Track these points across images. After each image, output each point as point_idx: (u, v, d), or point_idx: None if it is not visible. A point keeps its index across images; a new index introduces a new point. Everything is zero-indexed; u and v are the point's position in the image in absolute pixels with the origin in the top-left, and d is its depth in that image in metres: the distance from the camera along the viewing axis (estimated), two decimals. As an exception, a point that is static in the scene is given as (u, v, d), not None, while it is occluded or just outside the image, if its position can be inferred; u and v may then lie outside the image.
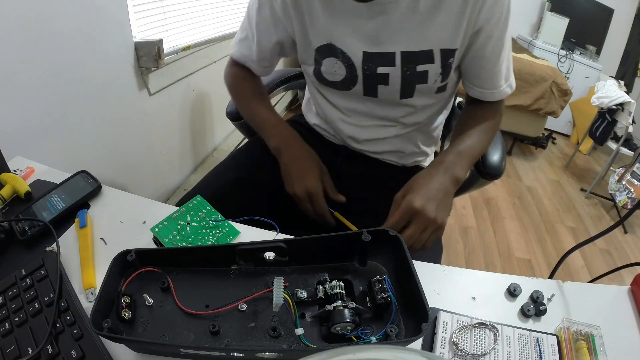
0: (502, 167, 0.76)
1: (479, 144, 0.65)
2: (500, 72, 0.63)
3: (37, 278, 0.44)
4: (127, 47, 1.10)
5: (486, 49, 0.59)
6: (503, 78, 0.64)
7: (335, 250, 0.44)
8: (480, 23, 0.56)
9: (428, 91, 0.65)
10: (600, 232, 0.51)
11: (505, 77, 0.65)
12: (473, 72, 0.64)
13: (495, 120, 0.69)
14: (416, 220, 0.52)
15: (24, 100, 0.80)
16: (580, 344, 0.42)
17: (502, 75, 0.64)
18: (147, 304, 0.40)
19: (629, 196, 2.12)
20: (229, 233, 0.53)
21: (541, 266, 1.80)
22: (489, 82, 0.64)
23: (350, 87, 0.66)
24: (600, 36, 3.32)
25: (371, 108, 0.69)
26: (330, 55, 0.63)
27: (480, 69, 0.62)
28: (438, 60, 0.59)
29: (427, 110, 0.70)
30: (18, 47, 0.76)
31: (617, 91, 2.30)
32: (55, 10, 0.82)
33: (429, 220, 0.52)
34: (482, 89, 0.65)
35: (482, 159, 0.75)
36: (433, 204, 0.53)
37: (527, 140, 2.92)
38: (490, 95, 0.66)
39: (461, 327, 0.43)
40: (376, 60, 0.61)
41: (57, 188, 0.58)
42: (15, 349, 0.37)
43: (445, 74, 0.62)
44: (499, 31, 0.57)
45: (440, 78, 0.62)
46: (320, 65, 0.66)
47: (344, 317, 0.37)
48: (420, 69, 0.60)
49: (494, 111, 0.68)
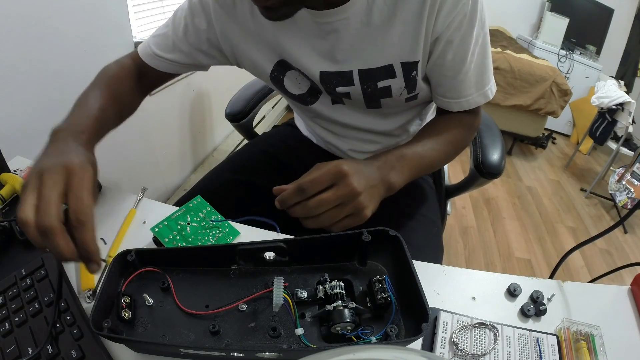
0: (501, 166, 0.75)
1: (431, 155, 0.58)
2: (467, 79, 0.57)
3: (37, 278, 0.44)
4: (127, 47, 1.10)
5: (446, 56, 0.54)
6: (473, 86, 0.58)
7: (335, 250, 0.44)
8: (439, 30, 0.51)
9: (396, 103, 0.61)
10: (600, 232, 0.51)
11: (477, 84, 0.58)
12: (435, 81, 0.59)
13: (461, 131, 0.62)
14: (339, 186, 0.44)
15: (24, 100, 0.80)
16: (580, 344, 0.42)
17: (471, 83, 0.57)
18: (147, 304, 0.40)
19: (629, 196, 2.12)
20: (229, 233, 0.53)
21: (541, 266, 1.80)
22: (453, 90, 0.58)
23: (313, 101, 0.65)
24: (600, 36, 3.32)
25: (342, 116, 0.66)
26: (290, 69, 0.61)
27: (442, 77, 0.57)
28: (400, 74, 0.56)
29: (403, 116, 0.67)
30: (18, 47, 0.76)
31: (617, 91, 2.30)
32: (55, 10, 0.82)
33: (354, 192, 0.45)
34: (446, 97, 0.60)
35: (481, 157, 0.75)
36: (363, 180, 0.46)
37: (527, 140, 2.92)
38: (455, 105, 0.60)
39: (461, 327, 0.43)
40: (334, 80, 0.58)
41: (57, 188, 0.58)
42: (15, 349, 0.37)
43: (410, 87, 0.58)
44: (460, 36, 0.52)
45: (406, 91, 0.58)
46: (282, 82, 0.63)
47: (344, 317, 0.37)
48: (381, 84, 0.57)
49: (458, 122, 0.62)
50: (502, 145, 0.78)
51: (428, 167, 0.59)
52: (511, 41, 3.03)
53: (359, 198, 0.45)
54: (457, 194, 0.87)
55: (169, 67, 0.64)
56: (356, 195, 0.45)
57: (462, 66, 0.55)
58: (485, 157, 0.75)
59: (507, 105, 2.52)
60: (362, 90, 0.58)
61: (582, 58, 3.19)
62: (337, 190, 0.44)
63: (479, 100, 0.59)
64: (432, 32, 0.52)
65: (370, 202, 0.47)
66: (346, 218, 0.46)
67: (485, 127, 0.81)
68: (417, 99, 0.61)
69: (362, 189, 0.46)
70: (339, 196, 0.44)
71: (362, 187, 0.46)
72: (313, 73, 0.58)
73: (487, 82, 0.59)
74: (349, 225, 0.46)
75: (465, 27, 0.51)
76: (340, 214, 0.45)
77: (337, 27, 0.53)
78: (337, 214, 0.45)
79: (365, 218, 0.47)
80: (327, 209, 0.44)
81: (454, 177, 0.94)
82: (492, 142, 0.78)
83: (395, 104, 0.61)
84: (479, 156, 0.76)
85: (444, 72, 0.56)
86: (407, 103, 0.62)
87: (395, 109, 0.64)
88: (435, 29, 0.51)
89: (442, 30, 0.51)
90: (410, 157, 0.55)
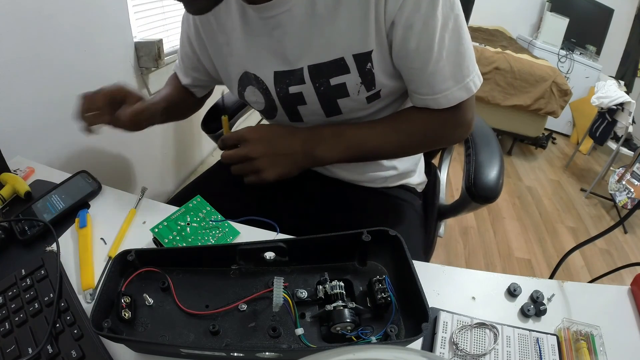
0: (497, 190, 0.62)
1: (378, 141, 0.55)
2: (439, 70, 0.50)
3: (37, 278, 0.44)
4: (127, 47, 1.10)
5: (408, 43, 0.48)
6: (449, 78, 0.51)
7: (335, 250, 0.44)
8: (391, 12, 0.46)
9: (357, 104, 0.56)
10: (600, 232, 0.51)
11: (454, 76, 0.51)
12: (405, 75, 0.53)
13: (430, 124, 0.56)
14: (239, 148, 0.53)
15: (24, 100, 0.80)
16: (580, 344, 0.42)
17: (446, 75, 0.50)
18: (147, 304, 0.40)
19: (629, 196, 2.12)
20: (229, 233, 0.53)
21: (541, 266, 1.80)
22: (425, 85, 0.52)
23: (273, 114, 0.62)
24: (600, 36, 3.32)
25: None
26: (249, 84, 0.61)
27: (410, 69, 0.51)
28: (353, 68, 0.51)
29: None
30: (18, 47, 0.76)
31: (617, 91, 2.30)
32: (55, 10, 0.82)
33: (247, 156, 0.53)
34: (420, 94, 0.53)
35: (474, 177, 0.64)
36: (265, 148, 0.54)
37: (527, 140, 2.92)
38: (432, 102, 0.53)
39: (461, 327, 0.43)
40: (287, 79, 0.56)
41: (57, 188, 0.58)
42: (15, 349, 0.37)
43: (367, 81, 0.52)
44: (422, 19, 0.46)
45: (364, 88, 0.53)
46: (244, 97, 0.64)
47: (344, 317, 0.37)
48: (335, 82, 0.53)
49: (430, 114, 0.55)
50: (500, 164, 0.66)
51: (372, 152, 0.57)
52: (511, 41, 3.03)
53: (254, 162, 0.53)
54: (450, 216, 0.78)
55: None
56: (250, 159, 0.53)
57: (430, 55, 0.48)
58: (478, 177, 0.64)
59: (507, 105, 2.52)
60: (315, 89, 0.54)
61: (582, 58, 3.20)
62: (237, 151, 0.54)
63: (460, 95, 0.52)
64: (384, 16, 0.46)
65: (271, 167, 0.54)
66: (251, 174, 0.54)
67: (483, 141, 0.71)
68: (380, 97, 0.56)
69: (256, 154, 0.53)
70: (237, 156, 0.54)
71: (257, 153, 0.53)
72: (267, 74, 0.57)
73: (467, 73, 0.51)
74: (252, 182, 0.54)
75: (425, 7, 0.45)
76: (243, 171, 0.55)
77: (281, 20, 0.51)
78: (240, 170, 0.55)
79: (265, 179, 0.54)
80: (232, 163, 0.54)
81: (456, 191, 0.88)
82: (489, 159, 0.66)
83: (356, 105, 0.56)
84: (472, 176, 0.64)
85: (410, 64, 0.50)
86: (371, 104, 0.56)
87: (359, 113, 0.58)
88: (387, 11, 0.46)
89: (395, 12, 0.46)
90: (349, 136, 0.55)
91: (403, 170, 0.71)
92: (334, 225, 0.50)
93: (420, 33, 0.47)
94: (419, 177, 0.75)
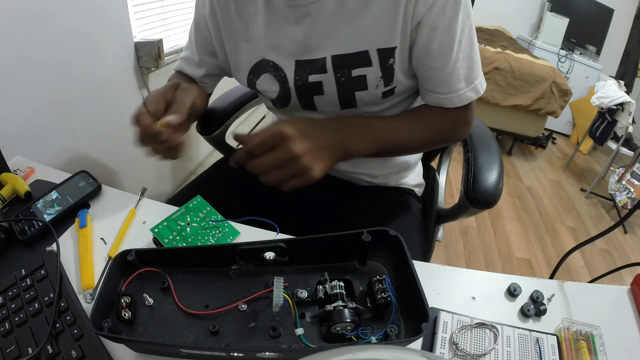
0: (496, 194, 0.62)
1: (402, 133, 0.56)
2: (455, 72, 0.53)
3: (37, 278, 0.44)
4: (127, 47, 1.10)
5: (431, 44, 0.51)
6: (462, 79, 0.54)
7: (335, 250, 0.44)
8: (420, 14, 0.48)
9: (373, 99, 0.57)
10: (600, 232, 0.51)
11: (467, 78, 0.55)
12: (422, 74, 0.55)
13: (445, 122, 0.59)
14: (279, 149, 0.45)
15: (24, 100, 0.80)
16: (580, 344, 0.42)
17: (460, 76, 0.54)
18: (147, 304, 0.40)
19: (629, 196, 2.12)
20: (229, 233, 0.53)
21: (541, 266, 1.81)
22: (443, 84, 0.54)
23: (286, 103, 0.61)
24: (600, 36, 3.32)
25: None
26: (265, 72, 0.60)
27: (429, 69, 0.54)
28: (376, 62, 0.53)
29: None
30: (18, 47, 0.76)
31: (617, 91, 2.30)
32: (55, 10, 0.82)
33: (293, 155, 0.45)
34: (435, 93, 0.56)
35: (472, 181, 0.64)
36: (308, 142, 0.47)
37: (527, 140, 2.92)
38: (447, 101, 0.56)
39: (461, 327, 0.43)
40: (307, 68, 0.56)
41: (57, 188, 0.58)
42: (15, 349, 0.37)
43: (387, 77, 0.54)
44: (445, 22, 0.49)
45: (382, 82, 0.55)
46: (254, 85, 0.62)
47: (344, 317, 0.37)
48: (356, 73, 0.54)
49: (444, 113, 0.58)
50: (499, 169, 0.66)
51: (396, 145, 0.57)
52: (511, 41, 3.03)
53: (301, 160, 0.46)
54: (449, 220, 0.76)
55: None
56: (296, 158, 0.46)
57: (450, 56, 0.52)
58: (477, 182, 0.63)
59: (507, 105, 2.52)
60: (336, 79, 0.55)
61: (582, 58, 3.20)
62: (277, 154, 0.46)
63: (470, 96, 0.56)
64: (412, 15, 0.49)
65: (317, 163, 0.48)
66: (293, 178, 0.47)
67: (482, 144, 0.71)
68: (394, 94, 0.58)
69: (303, 151, 0.46)
70: (278, 159, 0.46)
71: (303, 149, 0.46)
72: (287, 63, 0.57)
73: (476, 76, 0.56)
74: (297, 185, 0.47)
75: (449, 11, 0.49)
76: (284, 175, 0.47)
77: (311, 10, 0.52)
78: (280, 175, 0.47)
79: (312, 179, 0.47)
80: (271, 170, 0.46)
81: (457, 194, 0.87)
82: (488, 163, 0.66)
83: (371, 100, 0.57)
84: (471, 181, 0.64)
85: (430, 64, 0.53)
86: (384, 100, 0.58)
87: (373, 107, 0.59)
88: (415, 12, 0.49)
89: (424, 13, 0.49)
90: (377, 127, 0.54)
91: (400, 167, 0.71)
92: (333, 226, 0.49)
93: (444, 35, 0.50)
94: (417, 177, 0.76)
